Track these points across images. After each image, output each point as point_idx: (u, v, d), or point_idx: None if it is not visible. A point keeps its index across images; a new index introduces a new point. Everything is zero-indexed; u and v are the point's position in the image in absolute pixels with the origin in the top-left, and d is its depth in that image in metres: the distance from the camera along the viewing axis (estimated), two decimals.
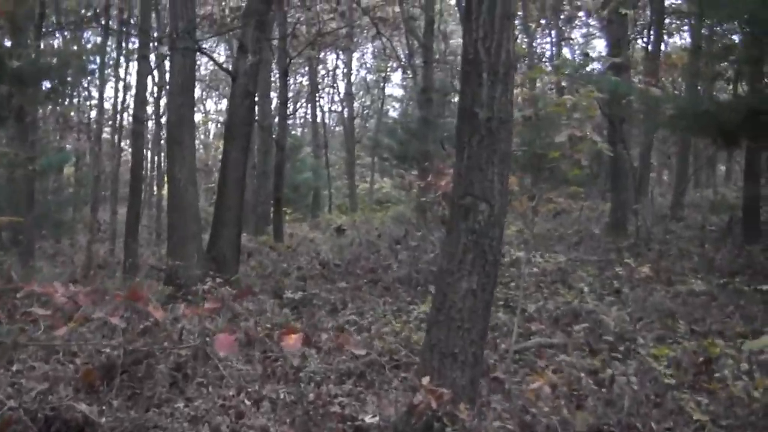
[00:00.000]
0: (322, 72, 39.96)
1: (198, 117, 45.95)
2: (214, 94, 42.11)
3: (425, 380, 4.21)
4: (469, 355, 4.47)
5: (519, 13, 23.74)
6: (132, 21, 19.50)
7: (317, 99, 38.48)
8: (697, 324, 8.15)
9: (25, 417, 4.26)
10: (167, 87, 13.47)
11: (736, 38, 12.57)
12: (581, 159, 7.47)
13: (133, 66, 24.66)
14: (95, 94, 25.91)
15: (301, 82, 40.97)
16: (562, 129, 7.01)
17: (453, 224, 4.55)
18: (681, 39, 28.94)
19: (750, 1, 9.22)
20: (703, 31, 17.11)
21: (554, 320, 8.58)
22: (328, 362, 5.86)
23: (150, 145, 31.31)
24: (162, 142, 26.25)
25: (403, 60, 33.42)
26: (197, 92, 43.15)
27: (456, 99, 35.49)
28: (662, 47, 23.25)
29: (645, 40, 23.39)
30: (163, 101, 23.72)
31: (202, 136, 47.86)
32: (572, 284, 10.39)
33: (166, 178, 13.59)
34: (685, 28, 26.83)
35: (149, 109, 29.61)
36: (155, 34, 17.83)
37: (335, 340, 5.09)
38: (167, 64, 13.63)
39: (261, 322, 7.95)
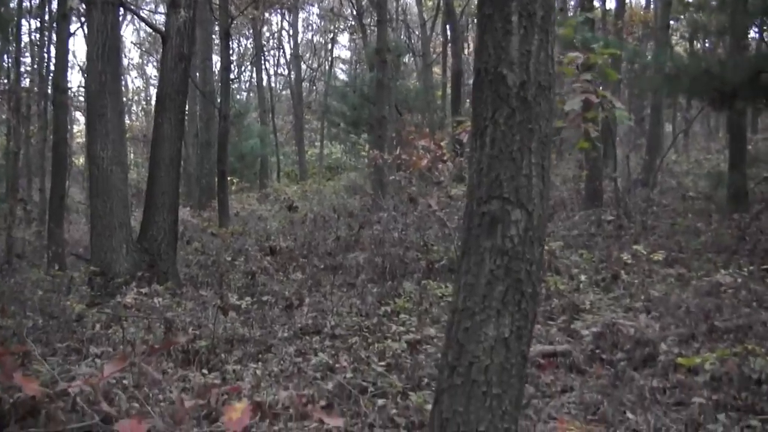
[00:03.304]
0: (267, 34, 38.15)
1: (138, 83, 43.87)
2: (152, 59, 39.95)
3: None
4: None
5: None
6: None
7: (262, 62, 36.58)
8: (714, 318, 6.84)
9: None
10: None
11: None
12: (591, 130, 6.08)
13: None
14: (27, 60, 23.77)
15: (245, 44, 39.18)
16: (570, 94, 5.60)
17: (471, 242, 3.01)
18: None
19: None
20: None
21: (550, 318, 7.26)
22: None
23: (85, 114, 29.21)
24: None
25: (351, 20, 31.85)
26: (135, 56, 41.04)
27: (412, 59, 34.30)
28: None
29: None
30: None
31: (144, 103, 45.80)
32: (561, 270, 9.06)
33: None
34: None
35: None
36: None
37: (300, 405, 3.62)
38: None
39: (201, 336, 6.51)
